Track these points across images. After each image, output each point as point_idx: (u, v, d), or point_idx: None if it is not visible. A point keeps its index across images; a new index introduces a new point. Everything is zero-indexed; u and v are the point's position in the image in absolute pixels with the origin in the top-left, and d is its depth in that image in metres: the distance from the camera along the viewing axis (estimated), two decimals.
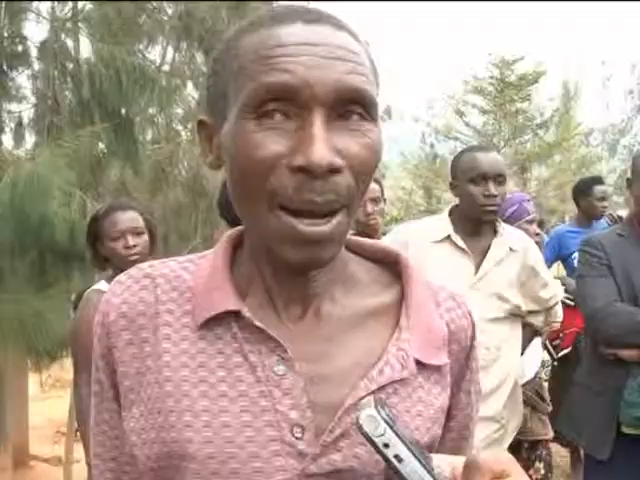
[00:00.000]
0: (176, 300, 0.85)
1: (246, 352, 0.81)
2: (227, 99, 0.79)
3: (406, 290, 0.88)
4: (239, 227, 0.91)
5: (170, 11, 6.90)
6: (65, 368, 5.92)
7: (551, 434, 3.64)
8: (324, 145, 0.72)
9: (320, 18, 0.78)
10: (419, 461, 0.68)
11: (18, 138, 6.00)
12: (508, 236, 2.80)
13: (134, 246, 2.78)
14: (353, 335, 0.85)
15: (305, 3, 0.88)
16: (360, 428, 0.68)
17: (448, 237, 2.74)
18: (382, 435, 0.67)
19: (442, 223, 2.81)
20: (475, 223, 2.76)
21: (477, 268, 2.72)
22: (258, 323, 0.80)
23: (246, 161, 0.75)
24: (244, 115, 0.75)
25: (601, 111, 23.64)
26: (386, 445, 0.68)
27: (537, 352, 3.57)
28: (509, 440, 2.89)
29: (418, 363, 0.85)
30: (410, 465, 0.67)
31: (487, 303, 2.65)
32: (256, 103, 0.74)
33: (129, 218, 2.82)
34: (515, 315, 2.80)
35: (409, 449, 0.68)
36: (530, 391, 3.42)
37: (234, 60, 0.78)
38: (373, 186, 3.53)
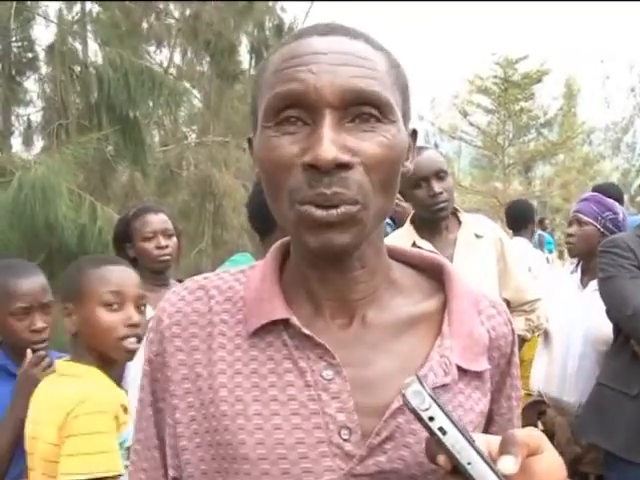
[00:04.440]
0: (229, 310, 0.89)
1: (295, 358, 0.84)
2: (257, 113, 0.85)
3: (449, 298, 0.90)
4: (288, 237, 0.93)
5: (177, 14, 6.89)
6: None
7: None
8: (330, 143, 0.75)
9: (335, 30, 0.82)
10: (461, 433, 0.71)
11: (27, 141, 6.00)
12: (471, 223, 2.83)
13: (166, 247, 2.81)
14: (397, 341, 0.87)
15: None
16: (407, 403, 0.71)
17: (414, 244, 2.74)
18: (428, 409, 0.71)
19: (406, 231, 2.85)
20: (434, 223, 2.79)
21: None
22: (306, 331, 0.83)
23: (268, 163, 0.80)
24: (265, 123, 0.81)
25: (602, 109, 23.58)
26: (431, 418, 0.71)
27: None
28: None
29: (459, 369, 0.86)
30: (453, 437, 0.70)
31: None
32: (274, 111, 0.79)
33: (161, 220, 2.85)
34: None
35: (452, 422, 0.71)
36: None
37: (262, 78, 0.84)
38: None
